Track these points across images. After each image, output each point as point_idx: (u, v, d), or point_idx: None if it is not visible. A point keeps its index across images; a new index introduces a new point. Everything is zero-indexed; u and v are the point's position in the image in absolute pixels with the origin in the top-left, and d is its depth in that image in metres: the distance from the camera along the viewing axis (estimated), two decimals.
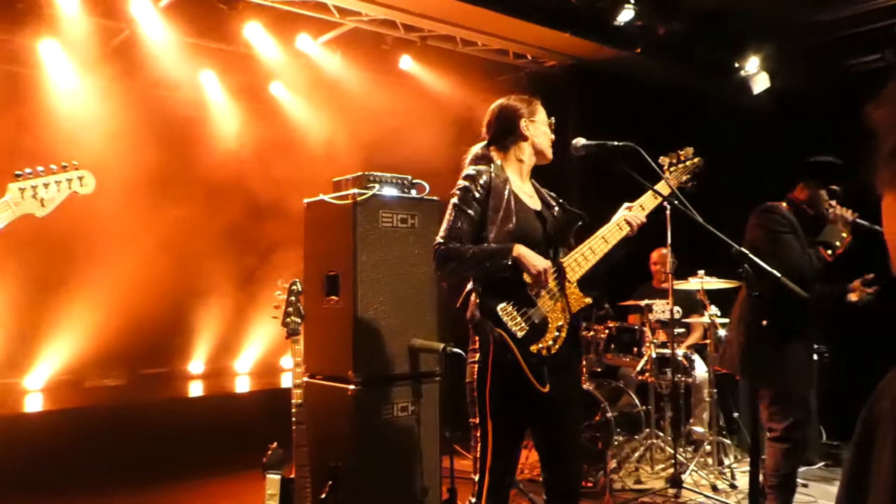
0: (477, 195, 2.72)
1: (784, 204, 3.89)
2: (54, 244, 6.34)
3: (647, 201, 2.87)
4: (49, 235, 5.97)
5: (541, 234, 2.77)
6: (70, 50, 6.53)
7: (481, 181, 2.74)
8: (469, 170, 2.80)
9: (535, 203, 2.85)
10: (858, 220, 3.75)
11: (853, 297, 3.88)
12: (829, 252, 3.67)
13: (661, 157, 2.92)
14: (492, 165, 2.82)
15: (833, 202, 3.81)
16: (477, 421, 2.69)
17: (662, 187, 2.85)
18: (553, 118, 2.95)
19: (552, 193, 3.00)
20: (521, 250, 2.59)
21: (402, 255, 3.90)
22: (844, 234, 3.71)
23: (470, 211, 2.71)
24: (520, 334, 2.56)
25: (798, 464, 3.80)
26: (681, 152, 3.02)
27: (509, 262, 2.57)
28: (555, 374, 2.62)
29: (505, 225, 2.69)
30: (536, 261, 2.59)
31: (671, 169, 2.96)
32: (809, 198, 3.87)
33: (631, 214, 2.83)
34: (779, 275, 2.31)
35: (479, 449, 2.70)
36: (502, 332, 2.54)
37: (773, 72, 6.86)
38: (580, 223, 2.86)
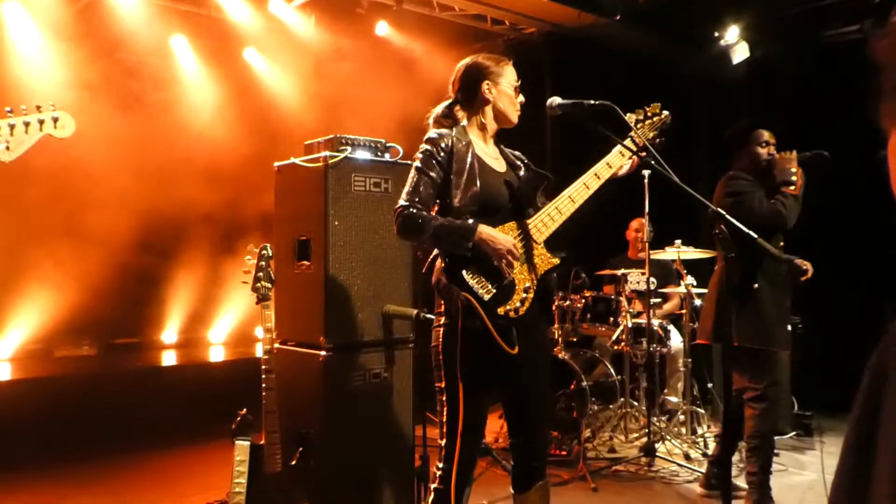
0: (439, 158, 2.66)
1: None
2: (21, 209, 6.19)
3: (614, 159, 2.78)
4: (15, 200, 5.82)
5: (507, 197, 2.71)
6: (34, 12, 6.33)
7: (443, 144, 2.68)
8: (431, 133, 2.74)
9: (500, 165, 2.81)
10: (800, 154, 3.87)
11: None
12: (792, 188, 3.78)
13: (628, 115, 2.85)
14: (454, 129, 2.76)
15: (770, 150, 3.96)
16: (443, 385, 2.64)
17: (630, 144, 2.77)
18: (519, 81, 2.86)
19: (517, 153, 2.94)
20: (482, 234, 2.52)
21: (376, 219, 3.82)
22: (795, 170, 3.82)
23: (432, 173, 2.65)
24: (486, 297, 2.51)
25: (774, 423, 3.88)
26: (647, 108, 2.93)
27: (470, 246, 2.50)
28: (523, 336, 2.58)
29: (469, 189, 2.63)
30: (499, 243, 2.52)
31: (637, 125, 2.90)
32: (749, 163, 3.99)
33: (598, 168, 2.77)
34: (755, 235, 2.28)
35: (445, 413, 2.64)
36: (468, 295, 2.50)
37: (753, 42, 6.82)
38: (546, 183, 2.81)
